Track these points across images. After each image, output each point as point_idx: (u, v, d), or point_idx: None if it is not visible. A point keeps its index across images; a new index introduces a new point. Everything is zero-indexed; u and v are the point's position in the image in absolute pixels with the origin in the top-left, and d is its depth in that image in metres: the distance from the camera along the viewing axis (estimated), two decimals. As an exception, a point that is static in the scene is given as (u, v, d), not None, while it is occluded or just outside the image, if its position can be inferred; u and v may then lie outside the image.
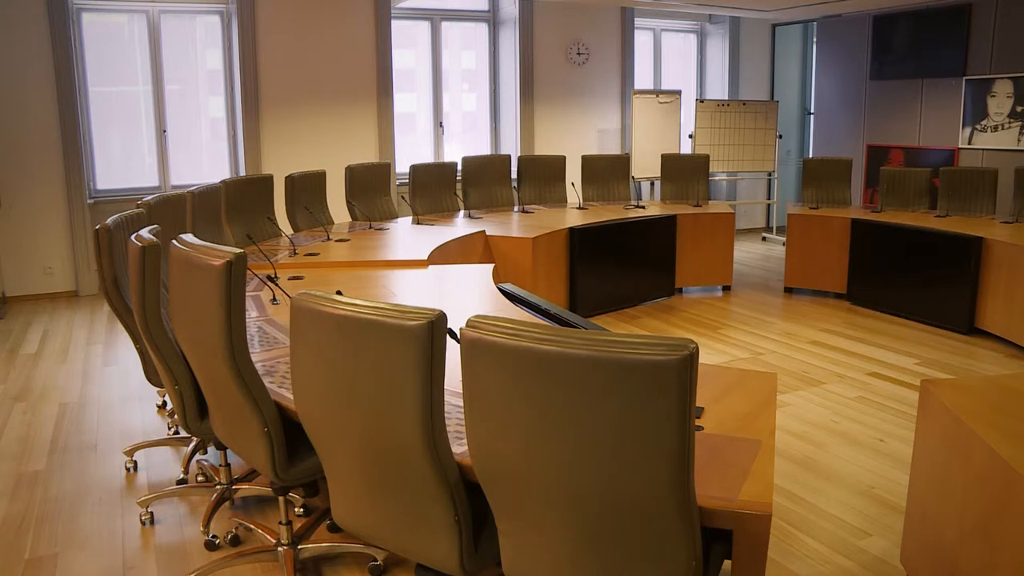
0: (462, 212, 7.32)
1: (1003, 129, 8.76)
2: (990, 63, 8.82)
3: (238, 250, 2.56)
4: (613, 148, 10.20)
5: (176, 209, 4.66)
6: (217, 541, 3.47)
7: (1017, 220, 7.15)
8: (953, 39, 9.09)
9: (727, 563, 2.18)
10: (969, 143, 9.09)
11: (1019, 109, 8.61)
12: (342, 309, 2.13)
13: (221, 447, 3.53)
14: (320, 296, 2.20)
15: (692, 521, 1.89)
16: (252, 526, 3.54)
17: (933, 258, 6.86)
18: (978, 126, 9.00)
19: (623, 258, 7.24)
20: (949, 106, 9.25)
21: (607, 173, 8.34)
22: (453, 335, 2.11)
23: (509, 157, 8.07)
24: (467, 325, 1.89)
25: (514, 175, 7.99)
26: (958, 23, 9.01)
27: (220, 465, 3.81)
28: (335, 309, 2.14)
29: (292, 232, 6.23)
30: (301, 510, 3.71)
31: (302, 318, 2.23)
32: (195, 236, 2.90)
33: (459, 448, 2.22)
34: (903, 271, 7.11)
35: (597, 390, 1.75)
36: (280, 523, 3.22)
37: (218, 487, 3.78)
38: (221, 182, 5.60)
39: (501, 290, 4.37)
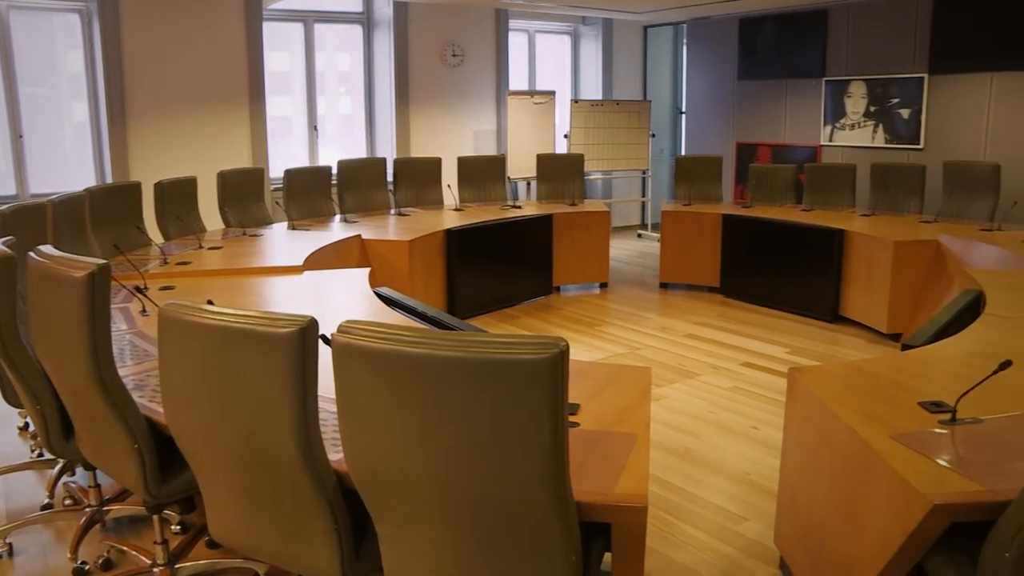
0: (338, 216, 7.23)
1: (859, 127, 9.17)
2: (846, 65, 9.22)
3: (101, 260, 2.47)
4: (489, 149, 10.24)
5: (35, 219, 4.45)
6: (87, 567, 3.32)
7: (874, 213, 7.50)
8: (813, 42, 9.46)
9: (608, 555, 2.22)
10: (830, 140, 9.48)
11: (872, 109, 9.02)
12: (211, 319, 2.08)
13: (90, 467, 3.38)
14: (188, 306, 2.14)
15: (569, 516, 1.91)
16: (126, 548, 3.42)
17: (800, 250, 7.13)
18: (837, 124, 9.39)
19: (501, 259, 7.29)
20: (811, 105, 9.63)
21: (483, 174, 8.37)
22: (327, 341, 2.09)
23: (384, 160, 8.02)
24: (338, 331, 1.88)
25: (390, 178, 7.94)
26: (816, 27, 9.38)
27: (89, 486, 3.65)
28: (204, 319, 2.09)
29: (163, 241, 6.05)
30: (178, 528, 3.60)
31: (170, 329, 2.18)
32: (57, 247, 2.79)
33: (336, 455, 2.20)
34: (772, 264, 7.36)
35: (469, 391, 1.76)
36: (155, 543, 3.13)
37: (87, 509, 3.62)
38: (85, 190, 5.39)
39: (378, 294, 4.34)
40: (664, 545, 3.45)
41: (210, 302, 2.32)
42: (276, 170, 8.33)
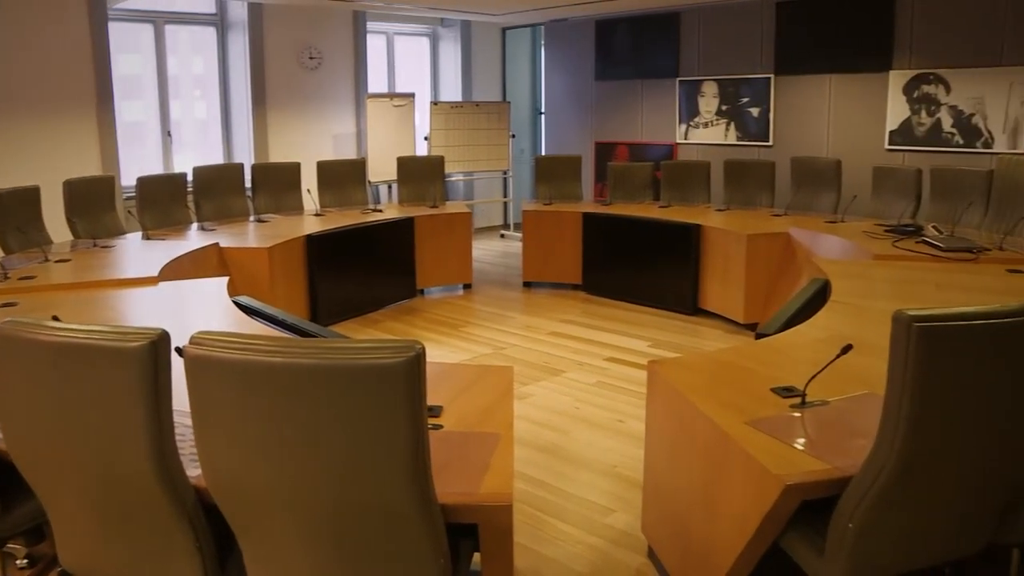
0: (195, 225, 7.02)
1: (712, 125, 9.48)
2: (698, 66, 9.51)
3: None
4: (349, 153, 10.12)
5: None
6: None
7: (728, 208, 7.76)
8: (666, 44, 9.73)
9: (477, 555, 2.22)
10: (685, 138, 9.76)
11: (724, 108, 9.34)
12: (55, 335, 1.97)
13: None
14: (28, 323, 2.03)
15: (435, 520, 1.91)
16: (-32, 586, 3.24)
17: (658, 246, 7.32)
18: (692, 123, 9.68)
19: (363, 263, 7.22)
20: (666, 105, 9.89)
21: (344, 178, 8.27)
22: (181, 353, 2.02)
23: (242, 166, 7.84)
24: (190, 342, 1.82)
25: (248, 184, 7.76)
26: (670, 29, 9.65)
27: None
28: (47, 336, 1.98)
29: (3, 255, 5.75)
30: (25, 562, 3.41)
31: (8, 348, 2.05)
32: None
33: (195, 471, 2.13)
34: (632, 260, 7.53)
35: (327, 398, 1.74)
36: (0, 578, 2.97)
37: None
38: (-87, 204, 5.09)
39: (237, 303, 4.24)
40: (535, 541, 3.49)
41: (55, 318, 2.22)
42: (128, 178, 8.01)
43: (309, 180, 8.01)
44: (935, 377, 1.94)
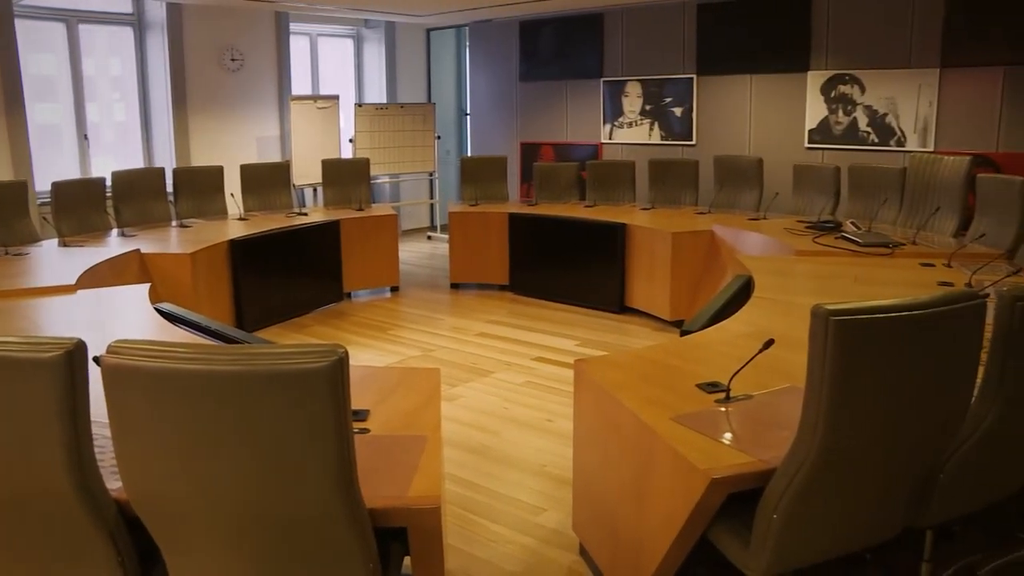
0: (115, 231, 6.85)
1: (636, 125, 9.57)
2: (622, 66, 9.60)
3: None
4: (273, 156, 9.98)
5: None
6: None
7: (653, 206, 7.85)
8: (590, 44, 9.79)
9: (408, 559, 2.21)
10: (610, 138, 9.83)
11: (648, 107, 9.44)
12: (-40, 349, 1.91)
13: None
14: (-67, 336, 1.96)
15: (363, 525, 1.90)
16: None
17: (585, 245, 7.37)
18: (616, 123, 9.76)
19: (289, 267, 7.13)
20: (591, 105, 9.95)
21: (268, 181, 8.16)
22: (98, 362, 1.97)
23: (163, 170, 7.67)
24: (108, 351, 1.77)
25: (170, 188, 7.61)
26: (593, 30, 9.71)
27: None
28: (-48, 349, 1.92)
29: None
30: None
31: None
32: None
33: (116, 483, 2.07)
34: (559, 259, 7.57)
35: (250, 405, 1.71)
36: None
37: None
38: None
39: (159, 311, 4.15)
40: (466, 543, 3.48)
41: (-36, 328, 2.14)
42: (43, 183, 7.79)
43: (232, 184, 7.88)
44: (852, 369, 1.98)
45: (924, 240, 5.63)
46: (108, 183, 7.13)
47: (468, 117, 12.13)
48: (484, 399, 5.20)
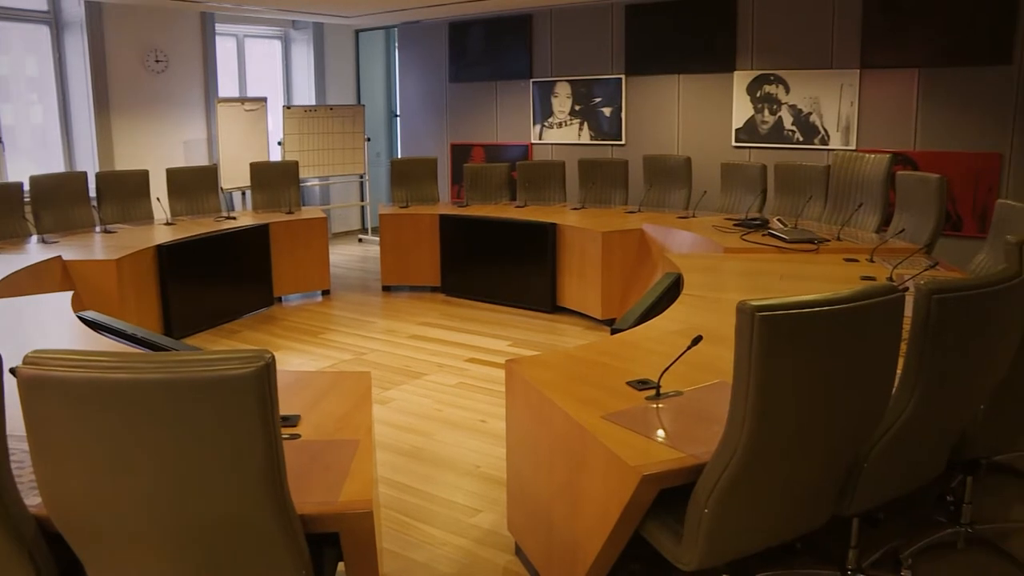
0: (34, 237, 6.67)
1: (566, 125, 9.63)
2: (551, 67, 9.64)
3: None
4: (200, 159, 9.82)
5: None
6: None
7: (584, 206, 7.90)
8: (519, 45, 9.81)
9: (341, 565, 2.19)
10: (540, 139, 9.87)
11: (578, 108, 9.50)
12: None
13: None
14: None
15: (294, 532, 1.88)
16: None
17: (516, 246, 7.38)
18: (546, 123, 9.80)
19: (218, 272, 7.02)
20: (521, 105, 9.98)
21: (195, 185, 8.02)
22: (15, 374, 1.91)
23: (85, 174, 7.49)
24: (24, 361, 1.72)
25: (93, 193, 7.43)
26: (522, 31, 9.74)
27: None
28: None
29: None
30: None
31: None
32: None
33: (35, 499, 2.01)
34: (491, 260, 7.57)
35: (175, 413, 1.68)
36: None
37: None
38: None
39: (83, 319, 4.05)
40: (401, 546, 3.46)
41: None
42: (-44, 189, 7.56)
43: (159, 188, 7.73)
44: (778, 363, 2.02)
45: (848, 236, 5.76)
46: (26, 188, 6.94)
47: (398, 119, 12.09)
48: (417, 401, 5.18)
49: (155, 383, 1.66)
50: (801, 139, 7.96)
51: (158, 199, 7.63)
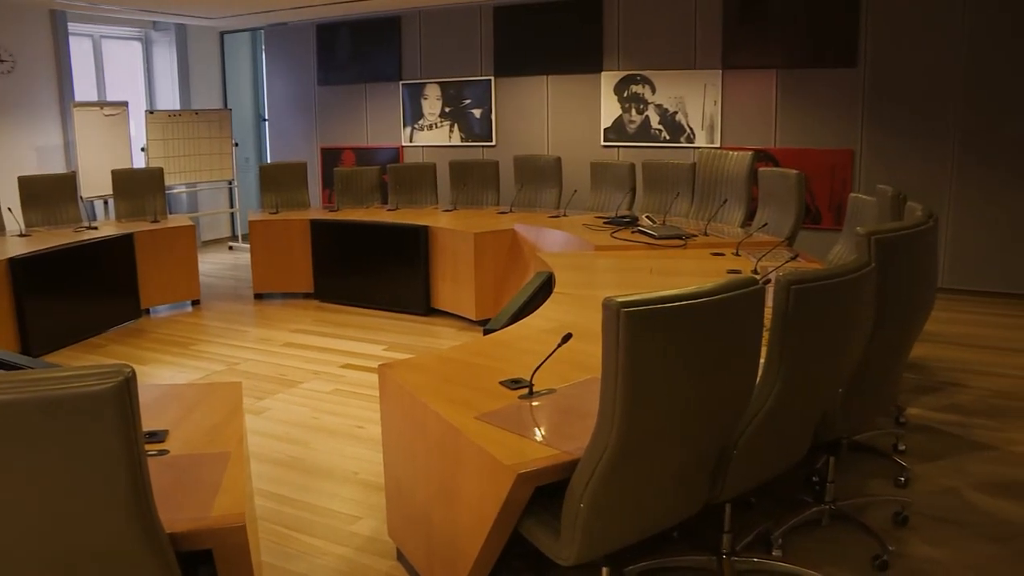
0: None
1: (437, 127, 9.64)
2: (420, 69, 9.63)
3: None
4: (56, 167, 9.41)
5: None
6: None
7: (456, 208, 7.92)
8: (389, 47, 9.77)
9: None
10: (411, 141, 9.85)
11: (448, 109, 9.52)
12: None
13: None
14: None
15: (164, 552, 1.83)
16: None
17: (389, 249, 7.34)
18: (416, 125, 9.78)
19: (80, 285, 6.73)
20: (391, 108, 9.94)
21: (52, 194, 7.68)
22: None
23: (-72, 185, 7.13)
24: None
25: (-63, 205, 7.06)
26: (391, 33, 9.70)
27: None
28: None
29: None
30: None
31: None
32: None
33: None
34: (364, 264, 7.51)
35: (29, 435, 1.60)
36: None
37: None
38: None
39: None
40: (281, 558, 3.40)
41: None
42: None
43: (10, 198, 7.38)
44: (644, 357, 2.07)
45: (714, 231, 5.94)
46: None
47: (267, 123, 11.87)
48: (293, 410, 5.10)
49: (6, 404, 1.58)
50: (668, 138, 8.17)
51: (10, 209, 7.29)
